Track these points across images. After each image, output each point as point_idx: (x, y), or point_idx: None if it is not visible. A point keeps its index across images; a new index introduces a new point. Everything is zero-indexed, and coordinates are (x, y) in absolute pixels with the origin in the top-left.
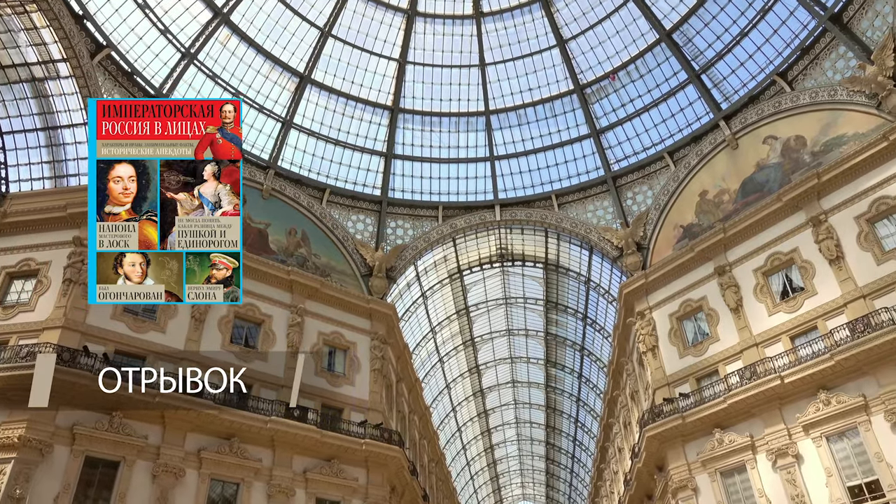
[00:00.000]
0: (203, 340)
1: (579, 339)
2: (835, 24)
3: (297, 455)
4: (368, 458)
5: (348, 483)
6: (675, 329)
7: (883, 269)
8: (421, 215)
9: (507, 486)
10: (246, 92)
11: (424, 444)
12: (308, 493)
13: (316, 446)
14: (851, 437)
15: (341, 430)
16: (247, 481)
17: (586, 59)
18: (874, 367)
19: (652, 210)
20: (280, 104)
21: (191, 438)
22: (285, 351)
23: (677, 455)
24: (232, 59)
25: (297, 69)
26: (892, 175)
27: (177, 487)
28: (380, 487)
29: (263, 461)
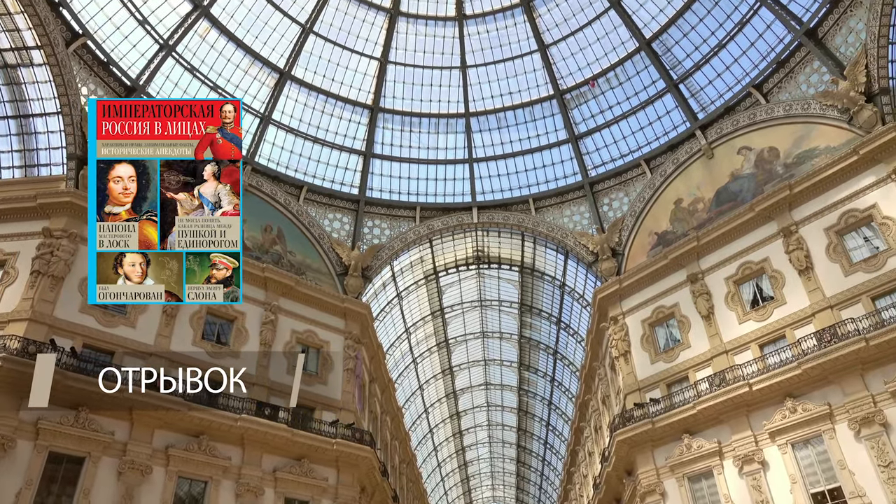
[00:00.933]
0: (174, 336)
1: (553, 343)
2: (810, 39)
3: (267, 454)
4: (339, 458)
5: (318, 483)
6: (648, 335)
7: (850, 280)
8: (398, 215)
9: (477, 487)
10: (224, 86)
11: (396, 445)
12: (277, 492)
13: (286, 445)
14: (816, 444)
15: (312, 430)
16: (215, 479)
17: (567, 64)
18: (839, 376)
19: (628, 216)
20: (259, 100)
21: (159, 435)
22: (258, 349)
23: (646, 460)
24: (211, 53)
25: (278, 65)
26: (862, 189)
27: (143, 485)
28: (350, 488)
29: (233, 459)
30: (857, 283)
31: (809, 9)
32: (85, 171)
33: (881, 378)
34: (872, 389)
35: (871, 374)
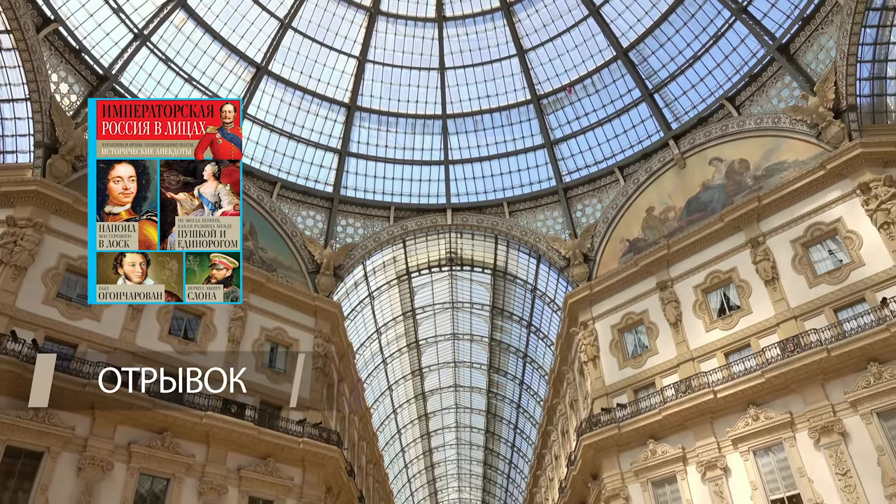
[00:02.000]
0: (140, 331)
1: (523, 347)
2: (782, 55)
3: (232, 452)
4: (305, 458)
5: (283, 482)
6: (617, 340)
7: (814, 291)
8: (372, 215)
9: (444, 489)
10: (199, 78)
11: (363, 446)
12: (241, 490)
13: (252, 443)
14: (777, 452)
15: (279, 428)
16: (178, 477)
17: (544, 70)
18: (801, 385)
19: (600, 223)
20: (234, 93)
21: (121, 431)
22: (226, 345)
23: (612, 464)
24: (187, 44)
25: (255, 59)
26: (828, 202)
27: (103, 481)
28: (315, 487)
29: (197, 457)
30: (821, 294)
31: (782, 25)
32: (53, 160)
33: (841, 388)
34: (832, 399)
35: (832, 384)
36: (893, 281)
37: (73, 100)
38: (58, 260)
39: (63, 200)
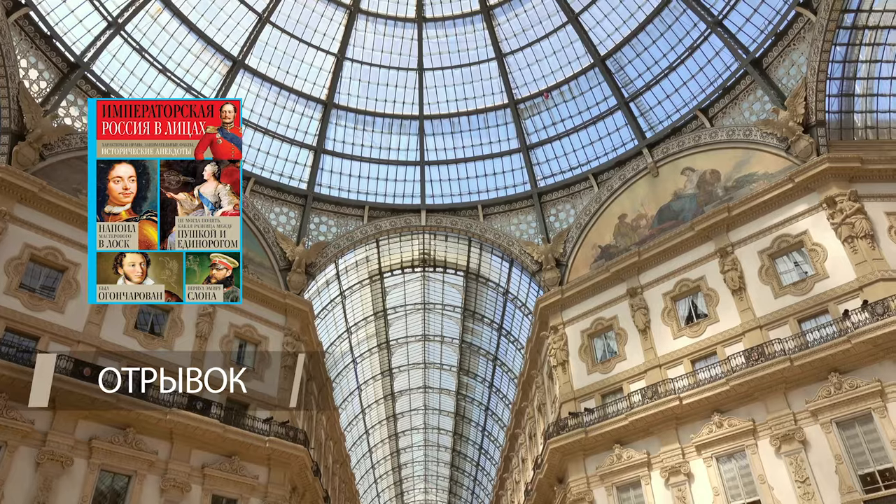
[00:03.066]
0: (105, 324)
1: (493, 349)
2: (755, 69)
3: (196, 449)
4: (271, 456)
5: (248, 481)
6: (586, 346)
7: (779, 302)
8: (346, 213)
9: (410, 490)
10: (174, 70)
11: (331, 445)
12: (205, 489)
13: (217, 441)
14: (739, 458)
15: (245, 426)
16: (140, 474)
17: (522, 75)
18: (765, 394)
19: (573, 228)
20: (209, 86)
21: (83, 426)
22: (193, 341)
23: (578, 468)
24: (162, 35)
25: (231, 53)
26: (795, 215)
27: (62, 477)
28: (280, 487)
29: (160, 454)
30: (786, 305)
31: (756, 39)
32: (20, 147)
33: (803, 398)
34: (794, 408)
35: (794, 393)
36: (855, 294)
37: (42, 86)
38: (21, 250)
39: (29, 189)
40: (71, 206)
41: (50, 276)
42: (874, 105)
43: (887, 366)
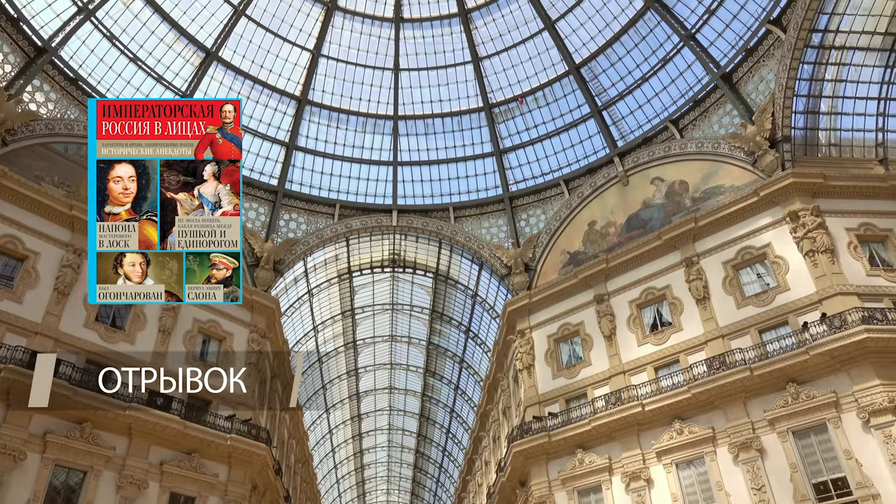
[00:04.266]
0: (64, 316)
1: (460, 352)
2: (725, 83)
3: (156, 446)
4: (232, 454)
5: (207, 479)
6: (552, 350)
7: (742, 312)
8: (316, 211)
9: (372, 491)
10: (145, 59)
11: (293, 444)
12: (162, 486)
13: (178, 438)
14: (698, 465)
15: (207, 423)
16: (96, 469)
17: (498, 79)
18: (725, 402)
19: (543, 233)
20: (181, 77)
21: (37, 420)
22: (156, 335)
23: (540, 472)
24: (134, 23)
25: (205, 44)
26: (759, 228)
27: (14, 471)
28: (241, 485)
29: (117, 449)
30: (748, 315)
31: (727, 54)
32: None
33: (761, 407)
34: (752, 417)
35: (753, 402)
36: (815, 306)
37: (6, 70)
38: None
39: None
40: (33, 194)
41: (8, 265)
42: (838, 123)
43: (842, 378)
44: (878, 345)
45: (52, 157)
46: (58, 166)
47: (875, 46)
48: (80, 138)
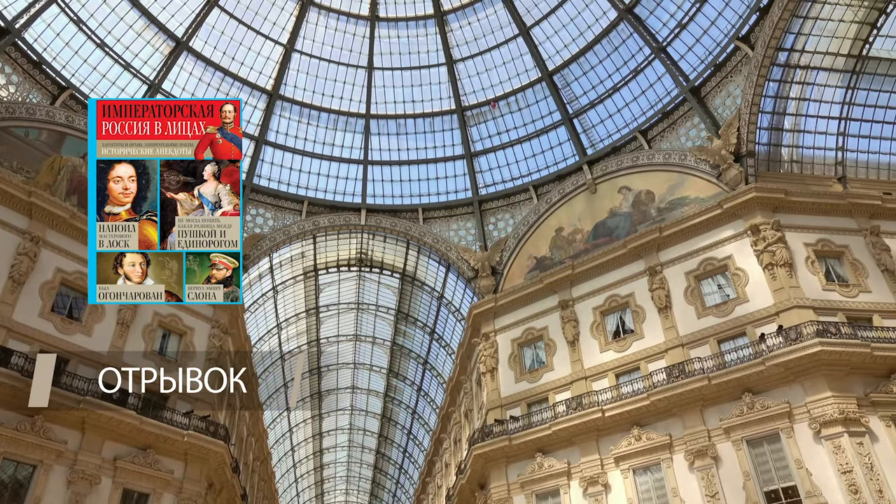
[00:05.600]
0: (19, 306)
1: (424, 353)
2: (693, 96)
3: (109, 440)
4: (189, 451)
5: (162, 475)
6: (516, 354)
7: (702, 322)
8: (284, 207)
9: (331, 491)
10: (113, 45)
11: (252, 442)
12: (115, 482)
13: (133, 433)
14: (655, 471)
15: (164, 419)
16: (46, 464)
17: (471, 82)
18: (682, 410)
19: (511, 238)
20: (150, 66)
21: None
22: (114, 328)
23: (500, 475)
24: (103, 8)
25: (175, 33)
26: (721, 240)
27: None
28: (196, 483)
29: (70, 443)
30: (708, 325)
31: (696, 68)
32: None
33: (717, 415)
34: (709, 425)
35: (710, 410)
36: (772, 318)
37: None
38: None
39: None
40: None
41: None
42: (800, 140)
43: (796, 389)
44: (832, 358)
45: (12, 142)
46: (17, 151)
47: (838, 68)
48: (41, 123)
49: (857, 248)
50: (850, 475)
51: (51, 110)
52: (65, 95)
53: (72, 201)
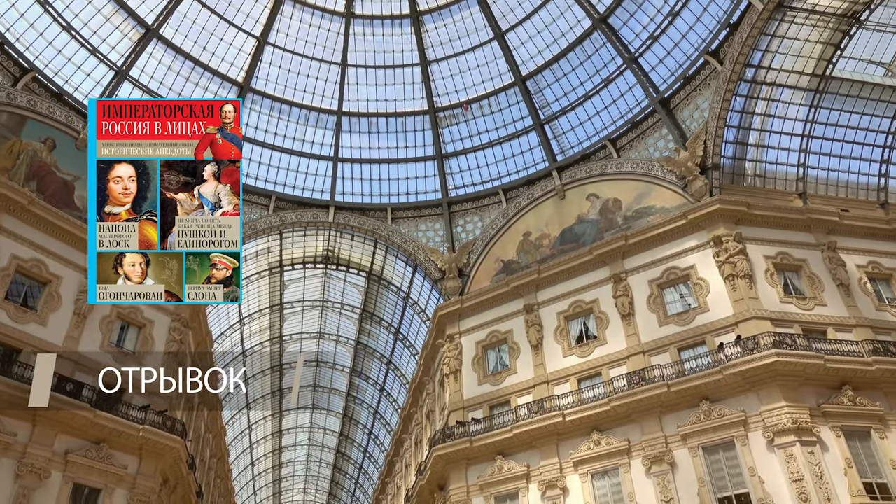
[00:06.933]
0: None
1: (388, 353)
2: (663, 108)
3: (62, 434)
4: (144, 446)
5: (115, 470)
6: (480, 357)
7: (663, 330)
8: (251, 201)
9: (288, 490)
10: (80, 29)
11: (210, 438)
12: (66, 476)
13: (86, 426)
14: (612, 476)
15: (119, 413)
16: None
17: (445, 84)
18: (642, 416)
19: (479, 240)
20: (118, 52)
21: None
22: (70, 318)
23: (460, 476)
24: None
25: (145, 20)
26: (685, 250)
27: None
28: (150, 479)
29: (19, 436)
30: (669, 333)
31: (667, 80)
32: None
33: (675, 422)
34: (667, 431)
35: (668, 417)
36: (731, 328)
37: None
38: None
39: None
40: None
41: None
42: (764, 155)
43: (752, 398)
44: (787, 368)
45: None
46: None
47: (802, 86)
48: (1, 105)
49: (814, 263)
50: (800, 483)
51: (12, 92)
52: (27, 78)
53: (31, 187)
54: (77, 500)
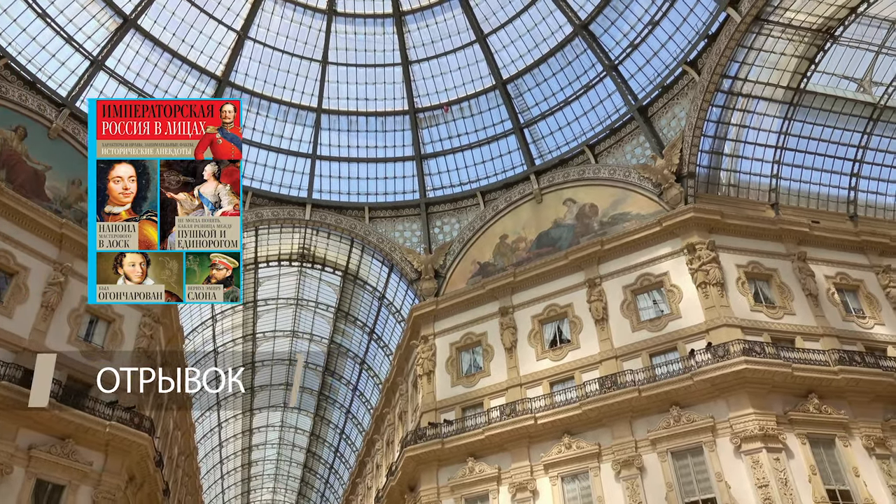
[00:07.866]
0: None
1: (362, 353)
2: (641, 115)
3: (26, 428)
4: (110, 442)
5: (80, 466)
6: (454, 358)
7: (636, 336)
8: None
9: (257, 489)
10: (56, 16)
11: (178, 436)
12: (29, 472)
13: (51, 422)
14: (582, 479)
15: (85, 408)
16: None
17: (425, 84)
18: (612, 420)
19: (456, 242)
20: (94, 41)
21: None
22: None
23: (430, 478)
24: None
25: (123, 10)
26: (659, 257)
27: None
28: (116, 476)
29: None
30: (641, 339)
31: (645, 88)
32: None
33: (646, 427)
34: (637, 436)
35: (638, 422)
36: (702, 335)
37: None
38: None
39: None
40: None
41: None
42: (738, 165)
43: (721, 405)
44: (755, 376)
45: None
46: None
47: (777, 98)
48: None
49: (784, 272)
50: (766, 489)
51: None
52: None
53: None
54: (40, 496)
